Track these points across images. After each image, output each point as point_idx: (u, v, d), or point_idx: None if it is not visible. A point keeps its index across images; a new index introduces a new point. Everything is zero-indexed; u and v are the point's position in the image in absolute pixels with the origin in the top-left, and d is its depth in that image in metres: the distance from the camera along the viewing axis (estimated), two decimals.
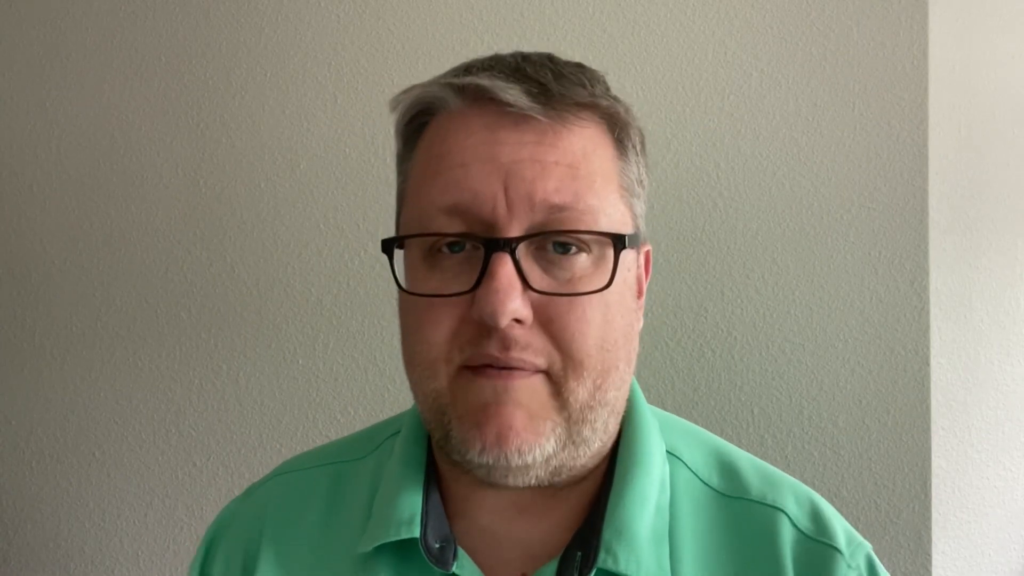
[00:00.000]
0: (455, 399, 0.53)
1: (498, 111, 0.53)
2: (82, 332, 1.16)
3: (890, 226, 0.99)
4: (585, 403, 0.53)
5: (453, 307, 0.52)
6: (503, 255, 0.51)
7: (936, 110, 0.99)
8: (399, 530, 0.56)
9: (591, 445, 0.55)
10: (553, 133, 0.53)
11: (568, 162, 0.53)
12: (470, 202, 0.52)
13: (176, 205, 1.14)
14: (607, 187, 0.55)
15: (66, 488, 1.17)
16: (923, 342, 0.98)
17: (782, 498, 0.59)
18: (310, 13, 1.11)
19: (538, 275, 0.52)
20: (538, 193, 0.52)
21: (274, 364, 1.11)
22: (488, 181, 0.52)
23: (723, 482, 0.61)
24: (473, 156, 0.53)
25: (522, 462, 0.52)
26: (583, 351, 0.52)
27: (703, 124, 1.03)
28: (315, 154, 1.11)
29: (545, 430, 0.52)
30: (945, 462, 0.99)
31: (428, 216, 0.54)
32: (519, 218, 0.52)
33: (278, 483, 0.67)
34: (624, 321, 0.55)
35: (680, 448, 0.62)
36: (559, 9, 1.06)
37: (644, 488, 0.57)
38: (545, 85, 0.54)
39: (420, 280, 0.54)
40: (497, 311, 0.50)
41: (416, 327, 0.54)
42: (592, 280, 0.53)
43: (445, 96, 0.55)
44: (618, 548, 0.55)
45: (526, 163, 0.52)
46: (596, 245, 0.54)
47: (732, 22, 1.03)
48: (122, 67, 1.15)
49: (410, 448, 0.61)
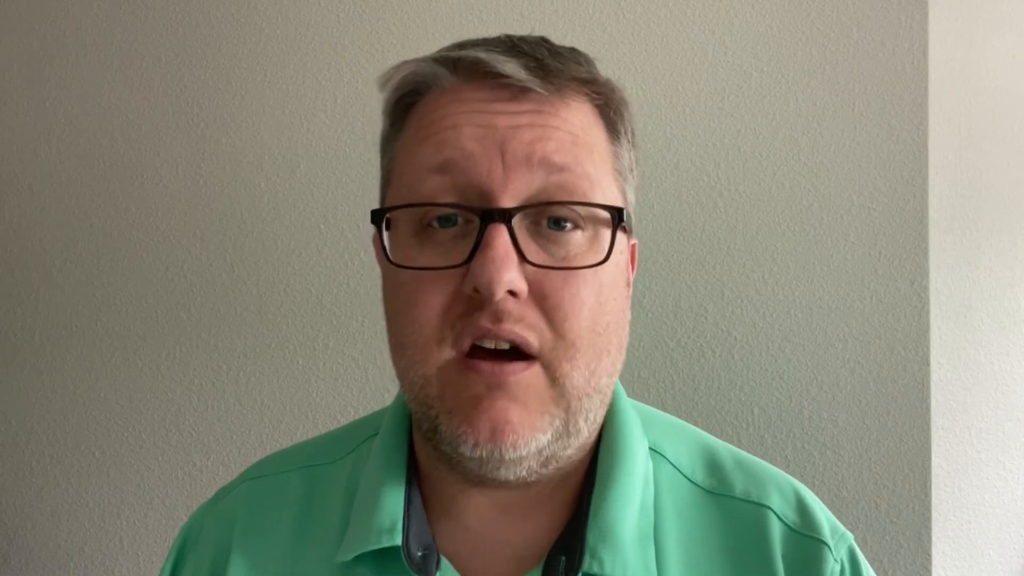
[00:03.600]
0: (444, 391, 0.51)
1: (494, 84, 0.52)
2: (82, 332, 1.16)
3: (890, 226, 0.99)
4: (582, 389, 0.52)
5: (444, 283, 0.50)
6: (499, 226, 0.49)
7: (936, 110, 0.99)
8: (380, 538, 0.54)
9: (582, 435, 0.54)
10: (551, 105, 0.52)
11: (568, 129, 0.52)
12: (462, 161, 0.50)
13: (176, 205, 1.14)
14: (603, 164, 0.54)
15: (66, 488, 1.17)
16: (923, 342, 0.98)
17: (767, 494, 0.59)
18: (310, 13, 1.11)
19: (534, 249, 0.51)
20: (537, 152, 0.50)
21: (274, 364, 1.11)
22: (483, 143, 0.50)
23: (708, 478, 0.60)
24: (467, 120, 0.51)
25: (516, 455, 0.50)
26: (575, 331, 0.51)
27: (703, 124, 1.03)
28: (315, 154, 1.11)
29: (542, 423, 0.51)
30: (945, 462, 0.99)
31: (418, 180, 0.52)
32: (515, 184, 0.50)
33: (248, 488, 0.64)
34: (617, 306, 0.54)
35: (663, 444, 0.61)
36: (559, 9, 1.06)
37: (627, 487, 0.56)
38: (542, 60, 0.53)
39: (410, 257, 0.52)
40: (493, 279, 0.48)
41: (405, 307, 0.52)
42: (587, 257, 0.52)
43: (438, 72, 0.53)
44: (603, 551, 0.53)
45: (524, 127, 0.51)
46: (591, 223, 0.52)
47: (732, 22, 1.03)
48: (122, 67, 1.15)
49: (389, 451, 0.59)
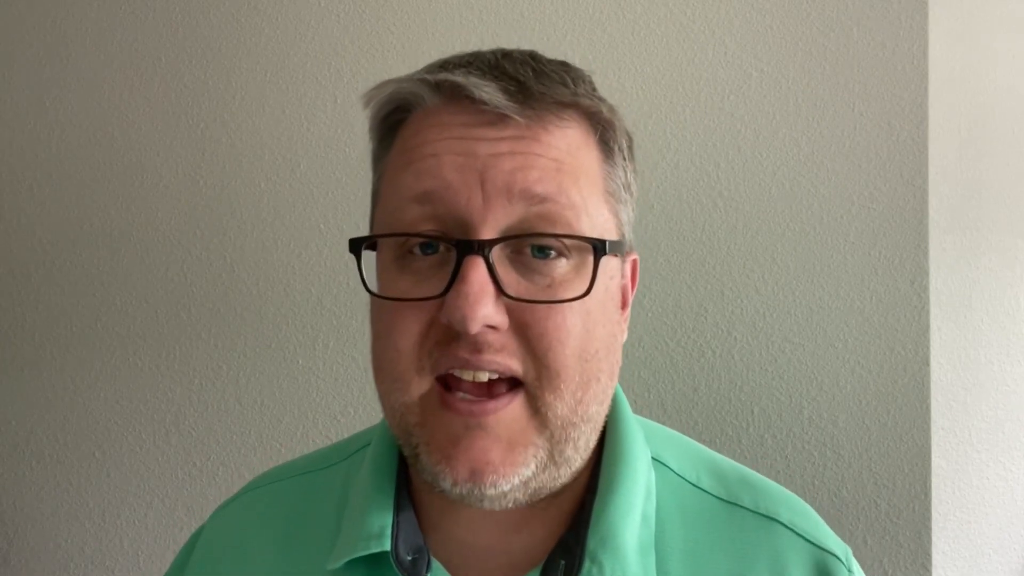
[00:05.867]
0: (424, 421, 0.51)
1: (475, 109, 0.50)
2: (82, 332, 1.16)
3: (890, 226, 0.99)
4: (567, 419, 0.50)
5: (422, 311, 0.49)
6: (475, 258, 0.48)
7: (936, 110, 0.99)
8: (368, 544, 0.54)
9: (572, 464, 0.53)
10: (533, 131, 0.50)
11: (552, 156, 0.50)
12: (442, 192, 0.49)
13: (176, 205, 1.14)
14: (591, 188, 0.52)
15: (66, 488, 1.17)
16: (923, 342, 0.98)
17: (776, 507, 0.58)
18: (310, 13, 1.11)
19: (514, 280, 0.49)
20: (518, 183, 0.49)
21: (274, 364, 1.11)
22: (462, 172, 0.49)
23: (716, 485, 0.59)
24: (447, 148, 0.50)
25: (498, 492, 0.49)
26: (560, 361, 0.49)
27: (703, 124, 1.03)
28: (315, 154, 1.11)
29: (525, 457, 0.49)
30: (945, 462, 0.99)
31: (400, 208, 0.51)
32: (495, 214, 0.49)
33: (245, 500, 0.65)
34: (606, 331, 0.52)
35: (665, 455, 0.60)
36: (559, 9, 1.06)
37: (630, 496, 0.55)
38: (523, 83, 0.51)
39: (390, 283, 0.51)
40: (467, 316, 0.47)
41: (385, 333, 0.51)
42: (572, 286, 0.50)
43: (420, 92, 0.52)
44: (603, 557, 0.52)
45: (505, 156, 0.49)
46: (576, 251, 0.51)
47: (732, 22, 1.03)
48: (122, 67, 1.15)
49: (380, 461, 0.59)
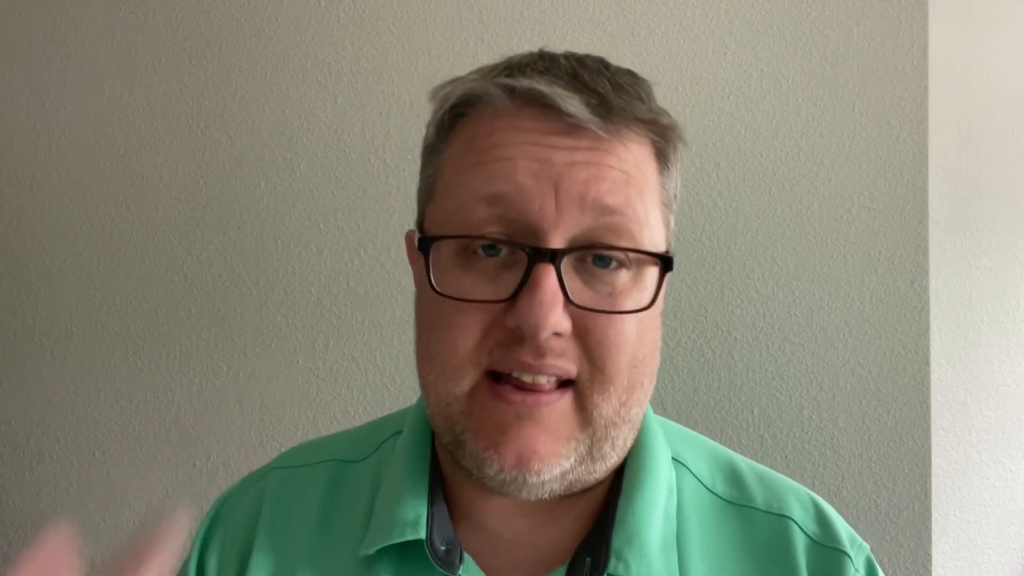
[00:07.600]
0: (471, 411, 0.52)
1: (553, 116, 0.51)
2: (82, 332, 1.16)
3: (890, 226, 0.99)
4: (610, 419, 0.52)
5: (486, 312, 0.51)
6: (547, 267, 0.49)
7: (936, 110, 0.99)
8: (404, 531, 0.55)
9: (608, 461, 0.55)
10: (608, 143, 0.52)
11: (623, 168, 0.52)
12: (514, 195, 0.50)
13: (176, 205, 1.14)
14: (652, 200, 0.54)
15: (66, 488, 1.17)
16: (923, 342, 0.98)
17: (788, 505, 0.60)
18: (310, 13, 1.11)
19: (578, 287, 0.51)
20: (591, 193, 0.50)
21: (274, 364, 1.11)
22: (537, 178, 0.50)
23: (728, 489, 0.61)
24: (523, 153, 0.51)
25: (539, 480, 0.51)
26: (615, 367, 0.51)
27: (703, 124, 1.03)
28: (315, 154, 1.10)
29: (567, 449, 0.52)
30: (945, 462, 0.99)
31: (466, 208, 0.51)
32: (566, 223, 0.50)
33: (276, 477, 0.65)
34: (652, 337, 0.55)
35: (684, 455, 0.62)
36: (559, 9, 1.06)
37: (654, 495, 0.57)
38: (604, 96, 0.52)
39: (452, 280, 0.52)
40: (540, 324, 0.48)
41: (443, 327, 0.52)
42: (631, 295, 0.52)
43: (494, 94, 0.53)
44: (629, 555, 0.54)
45: (580, 165, 0.51)
46: (636, 263, 0.53)
47: (732, 22, 1.03)
48: (122, 67, 1.15)
49: (413, 449, 0.60)
